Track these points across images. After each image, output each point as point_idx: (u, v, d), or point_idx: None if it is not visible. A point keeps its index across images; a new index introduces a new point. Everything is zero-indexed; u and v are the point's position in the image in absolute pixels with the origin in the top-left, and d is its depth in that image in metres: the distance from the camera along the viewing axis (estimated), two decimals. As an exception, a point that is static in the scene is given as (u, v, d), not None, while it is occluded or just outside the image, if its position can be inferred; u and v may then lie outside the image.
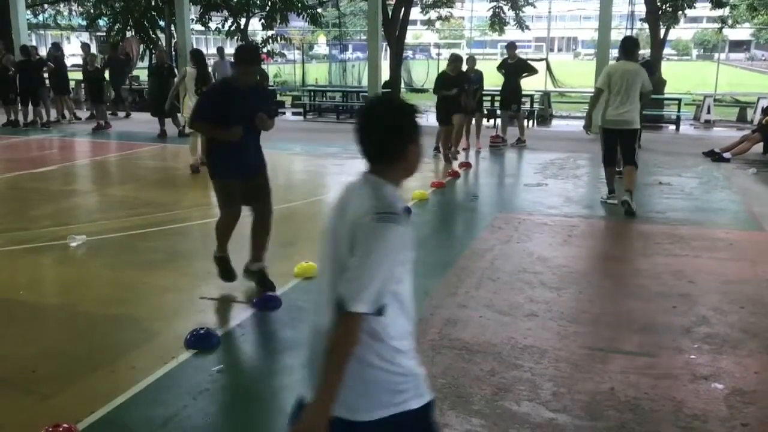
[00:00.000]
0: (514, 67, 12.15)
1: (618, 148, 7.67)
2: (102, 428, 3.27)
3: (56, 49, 16.52)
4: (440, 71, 12.14)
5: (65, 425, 3.15)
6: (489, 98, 15.21)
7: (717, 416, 3.36)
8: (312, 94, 19.81)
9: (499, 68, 12.25)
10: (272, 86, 21.04)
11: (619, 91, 7.42)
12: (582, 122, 9.08)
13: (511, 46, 12.47)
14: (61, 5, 26.15)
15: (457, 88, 10.26)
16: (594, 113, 7.99)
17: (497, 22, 22.74)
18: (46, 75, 15.47)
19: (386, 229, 1.91)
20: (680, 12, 17.74)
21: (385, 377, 1.97)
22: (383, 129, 2.02)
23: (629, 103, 7.44)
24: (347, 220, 1.97)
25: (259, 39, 21.10)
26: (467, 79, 10.74)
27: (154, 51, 15.67)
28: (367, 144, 2.03)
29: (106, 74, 16.24)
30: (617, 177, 7.89)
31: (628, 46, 7.84)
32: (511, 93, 12.38)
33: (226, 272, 5.04)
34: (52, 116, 15.35)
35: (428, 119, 11.28)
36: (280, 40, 21.83)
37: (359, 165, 2.04)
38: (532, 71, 12.55)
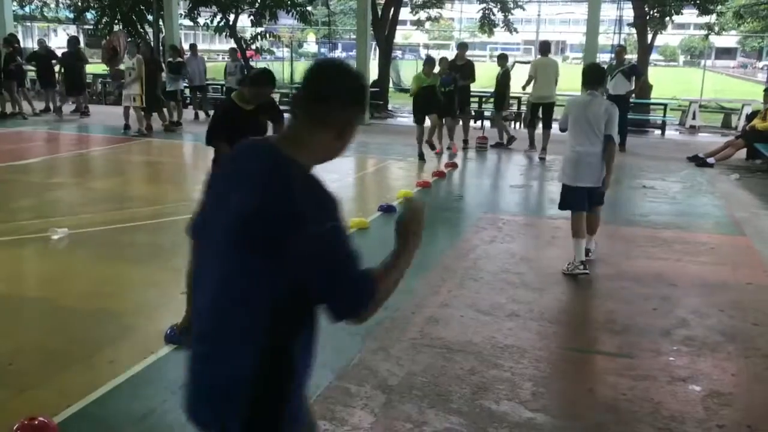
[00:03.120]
0: (462, 69, 11.62)
1: (539, 117, 11.41)
2: (79, 422, 3.24)
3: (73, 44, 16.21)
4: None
5: (41, 418, 3.11)
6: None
7: (694, 417, 3.39)
8: (300, 91, 19.71)
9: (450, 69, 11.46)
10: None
11: (542, 77, 11.24)
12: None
13: (462, 46, 12.23)
14: (49, -3, 25.87)
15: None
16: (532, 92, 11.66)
17: (486, 23, 22.78)
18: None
19: (616, 109, 5.40)
20: (668, 18, 17.83)
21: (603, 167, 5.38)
22: (603, 72, 6.20)
23: (548, 85, 11.33)
24: (602, 108, 5.29)
25: (248, 35, 20.99)
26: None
27: (141, 45, 15.54)
28: (596, 78, 5.51)
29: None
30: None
31: (546, 48, 12.00)
32: (461, 95, 11.68)
33: None
34: (38, 108, 15.33)
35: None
36: (269, 37, 21.69)
37: (346, 164, 2.05)
38: (471, 79, 12.00)
